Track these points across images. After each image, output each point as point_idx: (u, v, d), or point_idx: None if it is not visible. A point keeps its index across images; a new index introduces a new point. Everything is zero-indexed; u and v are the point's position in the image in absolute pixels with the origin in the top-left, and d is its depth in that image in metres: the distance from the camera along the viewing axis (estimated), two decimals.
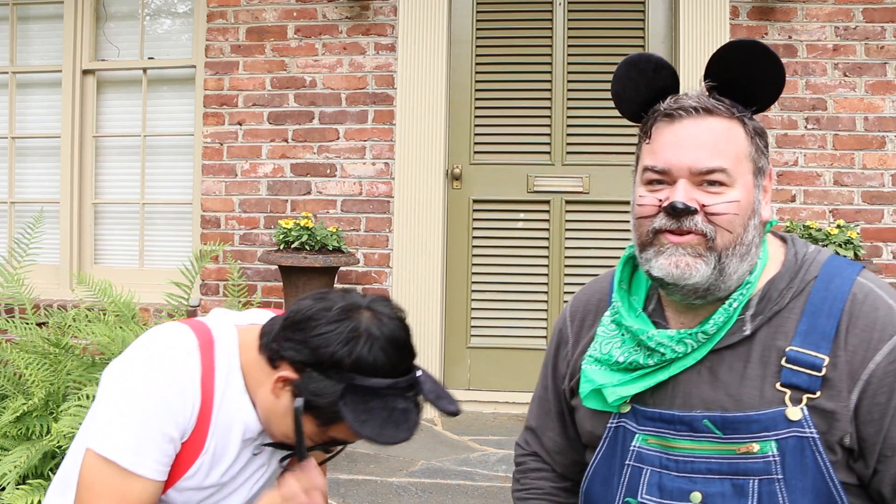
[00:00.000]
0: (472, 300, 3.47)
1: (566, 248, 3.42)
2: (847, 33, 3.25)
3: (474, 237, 3.48)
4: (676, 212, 0.98)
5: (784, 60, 3.58)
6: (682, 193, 0.98)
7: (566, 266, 3.41)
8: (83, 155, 3.74)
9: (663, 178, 1.01)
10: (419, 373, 1.12)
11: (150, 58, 3.74)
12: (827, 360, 0.95)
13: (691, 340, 1.00)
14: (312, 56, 3.49)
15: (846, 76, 3.25)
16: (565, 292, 3.40)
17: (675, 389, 1.03)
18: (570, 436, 1.21)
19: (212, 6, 3.54)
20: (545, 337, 3.41)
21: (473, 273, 3.47)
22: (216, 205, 3.54)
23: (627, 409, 1.06)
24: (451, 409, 1.13)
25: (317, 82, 3.48)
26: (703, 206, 0.98)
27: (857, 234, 2.94)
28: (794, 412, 0.95)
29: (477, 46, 3.49)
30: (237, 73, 3.53)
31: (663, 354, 1.01)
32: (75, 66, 3.70)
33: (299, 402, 1.06)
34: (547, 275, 3.42)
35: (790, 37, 3.27)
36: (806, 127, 3.26)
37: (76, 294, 3.39)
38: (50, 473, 2.43)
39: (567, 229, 3.43)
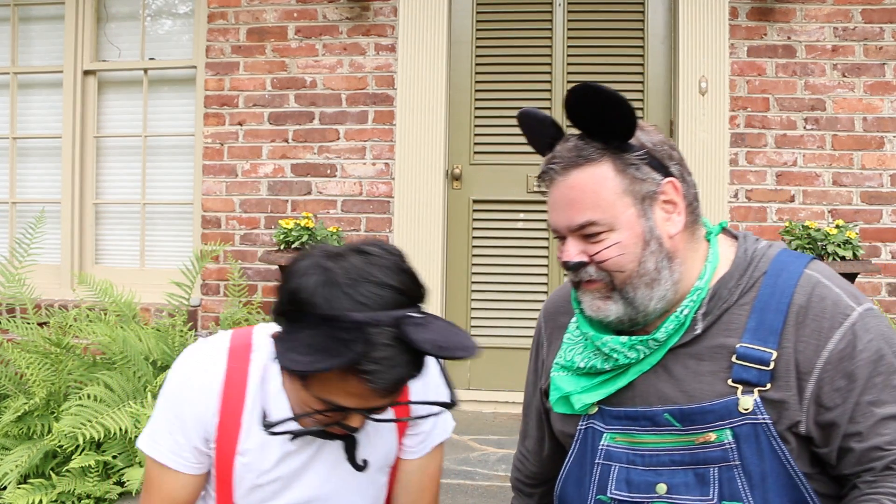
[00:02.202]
0: (472, 300, 3.48)
1: None
2: (846, 34, 3.26)
3: (474, 237, 3.49)
4: (569, 268, 1.06)
5: (783, 61, 3.59)
6: (570, 251, 1.04)
7: None
8: (84, 155, 3.75)
9: (558, 233, 1.08)
10: (411, 313, 0.94)
11: (150, 58, 3.75)
12: (775, 353, 0.99)
13: (643, 347, 1.05)
14: (313, 56, 3.50)
15: (845, 77, 3.26)
16: None
17: (634, 389, 1.07)
18: (545, 432, 1.26)
19: (212, 7, 3.55)
20: None
21: (473, 273, 3.48)
22: (217, 205, 3.55)
23: (595, 410, 1.10)
24: (446, 354, 0.92)
25: (317, 83, 3.49)
26: (591, 256, 1.03)
27: (856, 234, 2.94)
28: (747, 402, 0.99)
29: (477, 46, 3.50)
30: (238, 73, 3.53)
31: (617, 360, 1.06)
32: (76, 66, 3.70)
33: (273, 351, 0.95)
34: (547, 275, 3.43)
35: (789, 37, 3.27)
36: (805, 127, 3.27)
37: (77, 294, 3.40)
38: (51, 473, 2.43)
39: None
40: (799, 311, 1.00)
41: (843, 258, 2.84)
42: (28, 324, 2.88)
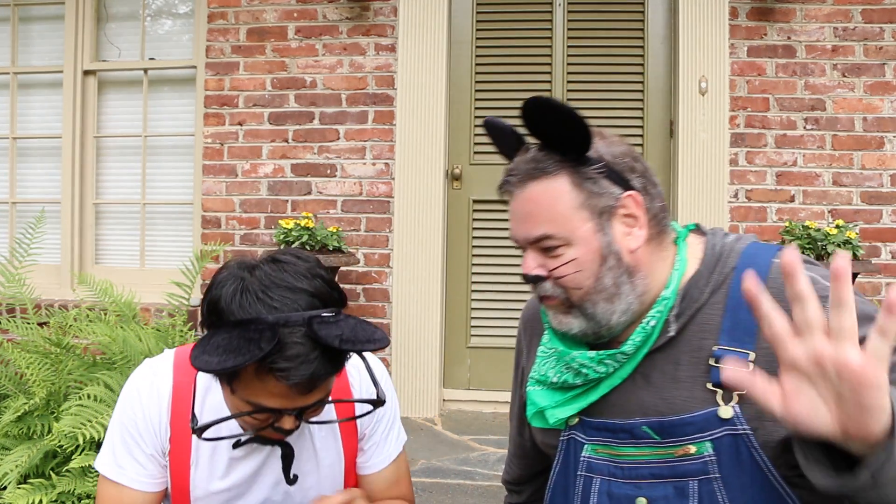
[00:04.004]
0: (472, 300, 3.48)
1: None
2: (846, 34, 3.26)
3: (474, 237, 3.49)
4: (527, 281, 1.05)
5: (783, 61, 3.58)
6: (529, 264, 1.04)
7: None
8: (84, 155, 3.75)
9: (518, 245, 1.07)
10: (323, 313, 0.97)
11: (150, 58, 3.75)
12: (753, 354, 0.96)
13: (611, 361, 1.03)
14: (313, 56, 3.50)
15: (845, 77, 3.26)
16: None
17: (613, 399, 1.05)
18: (525, 438, 1.26)
19: (212, 7, 3.55)
20: None
21: (473, 273, 3.48)
22: (217, 205, 3.55)
23: (576, 421, 1.09)
24: (347, 346, 0.95)
25: (317, 83, 3.49)
26: (549, 271, 1.02)
27: (856, 234, 2.94)
28: (726, 411, 0.96)
29: (477, 46, 3.50)
30: (238, 73, 3.53)
31: (587, 375, 1.04)
32: (76, 66, 3.70)
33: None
34: None
35: (789, 37, 3.27)
36: (805, 127, 3.27)
37: (77, 294, 3.40)
38: (51, 473, 2.43)
39: None
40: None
41: None
42: (28, 324, 2.88)
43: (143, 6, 3.75)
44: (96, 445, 2.41)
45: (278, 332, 0.93)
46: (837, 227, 2.92)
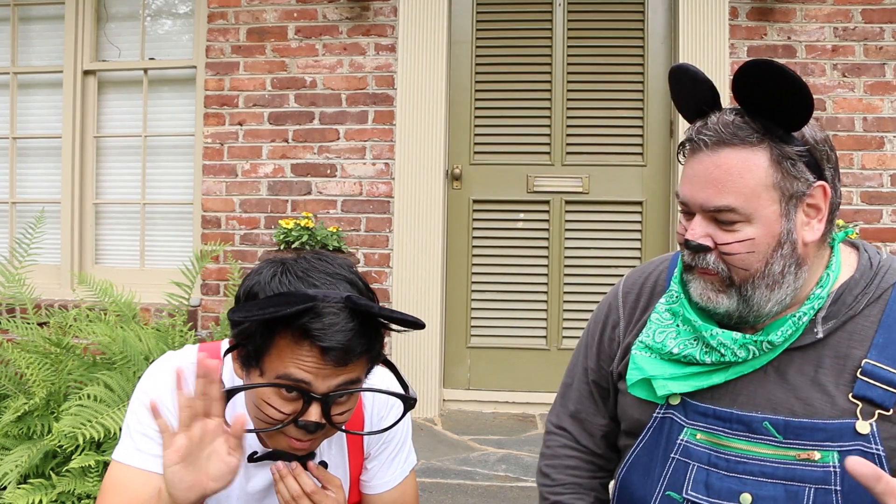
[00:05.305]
0: (472, 300, 3.47)
1: (566, 248, 3.43)
2: (846, 34, 3.26)
3: (474, 237, 3.49)
4: (690, 248, 0.99)
5: (783, 61, 3.58)
6: (696, 231, 0.98)
7: (566, 266, 3.42)
8: (84, 155, 3.75)
9: (687, 208, 1.01)
10: (346, 294, 1.01)
11: (150, 58, 3.75)
12: None
13: (754, 347, 0.98)
14: (313, 56, 3.50)
15: (845, 77, 3.26)
16: (565, 292, 3.41)
17: (737, 387, 1.00)
18: (609, 416, 1.19)
19: (212, 7, 3.55)
20: (545, 337, 3.42)
21: (473, 273, 3.48)
22: (217, 205, 3.55)
23: (677, 400, 1.04)
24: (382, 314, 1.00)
25: (317, 83, 3.49)
26: (718, 244, 0.97)
27: (856, 234, 2.94)
28: (863, 426, 0.93)
29: (477, 46, 3.50)
30: (238, 73, 3.53)
31: (722, 355, 0.99)
32: (76, 66, 3.70)
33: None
34: (547, 275, 3.43)
35: (789, 37, 3.27)
36: None
37: (77, 294, 3.40)
38: (51, 473, 2.43)
39: (567, 229, 3.43)
40: None
41: None
42: (28, 324, 2.88)
43: (142, 6, 3.75)
44: (96, 445, 2.42)
45: (317, 302, 0.96)
46: (838, 227, 2.92)
